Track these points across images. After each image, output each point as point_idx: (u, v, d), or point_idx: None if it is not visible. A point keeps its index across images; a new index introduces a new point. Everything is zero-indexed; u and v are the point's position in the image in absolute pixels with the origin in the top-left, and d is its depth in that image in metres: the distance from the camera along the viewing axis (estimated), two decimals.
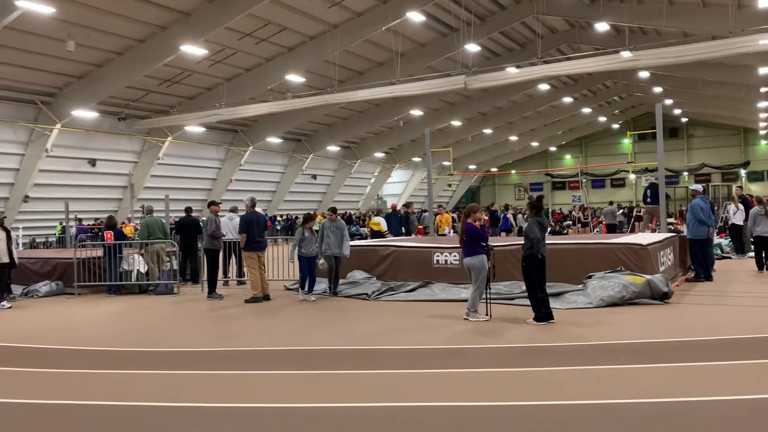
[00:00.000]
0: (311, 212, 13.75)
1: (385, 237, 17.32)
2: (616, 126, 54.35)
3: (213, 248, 12.73)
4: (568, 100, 42.13)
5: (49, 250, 23.64)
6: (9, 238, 12.18)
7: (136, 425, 5.02)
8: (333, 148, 41.66)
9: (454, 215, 28.96)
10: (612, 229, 25.91)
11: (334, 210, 12.77)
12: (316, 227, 13.18)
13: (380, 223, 18.44)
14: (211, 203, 13.51)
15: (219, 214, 13.42)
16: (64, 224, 25.33)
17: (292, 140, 39.25)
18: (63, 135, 26.92)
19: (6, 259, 11.94)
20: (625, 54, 22.34)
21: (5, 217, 12.15)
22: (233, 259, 14.84)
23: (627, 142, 49.96)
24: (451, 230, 20.39)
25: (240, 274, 14.63)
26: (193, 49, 22.84)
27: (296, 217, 38.65)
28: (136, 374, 6.66)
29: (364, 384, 6.04)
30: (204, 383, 6.23)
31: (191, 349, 7.88)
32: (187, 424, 4.99)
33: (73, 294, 13.25)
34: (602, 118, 50.62)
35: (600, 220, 30.16)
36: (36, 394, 5.92)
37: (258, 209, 12.72)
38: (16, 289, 13.83)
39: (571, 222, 32.26)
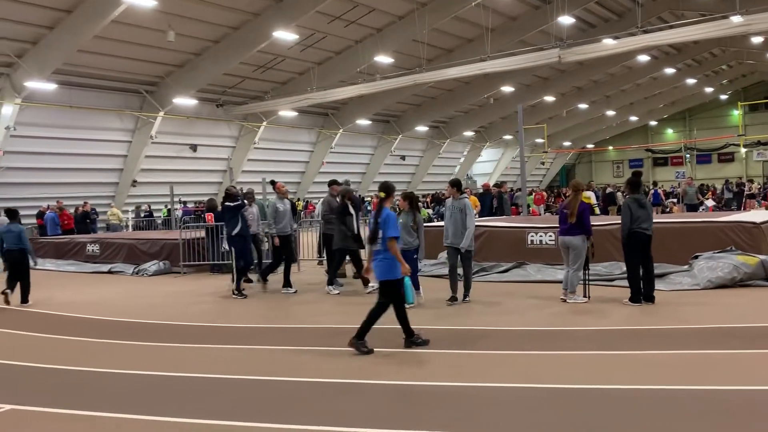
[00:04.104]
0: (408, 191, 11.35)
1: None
2: (724, 97, 50.89)
3: (327, 233, 11.16)
4: (670, 71, 39.80)
5: (156, 231, 25.04)
6: (294, 210, 11.78)
7: (227, 395, 5.23)
8: (421, 129, 41.50)
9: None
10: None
11: (455, 183, 9.32)
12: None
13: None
14: (332, 182, 11.73)
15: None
16: (169, 207, 26.76)
17: (380, 122, 39.43)
18: (166, 122, 28.31)
19: (289, 231, 10.97)
20: (736, 19, 20.76)
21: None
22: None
23: (737, 113, 46.63)
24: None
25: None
26: (285, 35, 23.34)
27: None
28: (236, 349, 6.95)
29: (460, 364, 6.01)
30: (298, 358, 6.40)
31: (287, 326, 8.12)
32: (271, 395, 5.15)
33: (179, 273, 13.97)
34: (709, 89, 47.53)
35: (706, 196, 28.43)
36: (141, 365, 6.30)
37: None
38: (127, 268, 14.78)
39: (675, 200, 30.57)
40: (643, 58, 34.77)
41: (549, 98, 40.23)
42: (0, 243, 10.36)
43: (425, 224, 10.07)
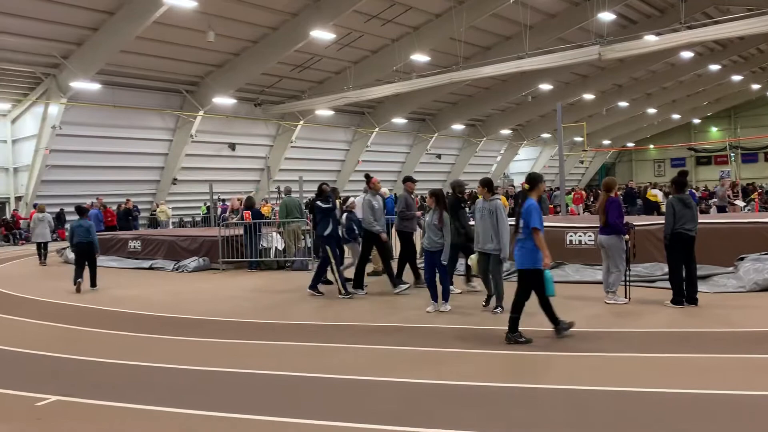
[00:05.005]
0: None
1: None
2: None
3: (405, 230, 10.82)
4: (715, 67, 38.81)
5: (195, 228, 25.46)
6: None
7: (249, 390, 5.29)
8: (457, 127, 41.31)
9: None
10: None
11: (485, 183, 8.55)
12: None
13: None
14: (407, 179, 11.37)
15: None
16: (209, 205, 27.19)
17: (416, 120, 39.37)
18: (205, 121, 28.78)
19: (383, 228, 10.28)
20: None
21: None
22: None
23: None
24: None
25: None
26: (323, 34, 23.52)
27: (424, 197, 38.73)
28: (280, 345, 7.02)
29: (493, 365, 5.96)
30: (333, 355, 6.44)
31: (327, 323, 8.17)
32: (304, 391, 5.19)
33: (218, 269, 14.18)
34: (755, 86, 46.19)
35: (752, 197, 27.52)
36: (186, 360, 6.42)
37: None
38: (167, 264, 15.07)
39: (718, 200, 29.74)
40: (687, 54, 33.97)
41: (588, 96, 39.63)
42: (71, 236, 11.62)
43: None
